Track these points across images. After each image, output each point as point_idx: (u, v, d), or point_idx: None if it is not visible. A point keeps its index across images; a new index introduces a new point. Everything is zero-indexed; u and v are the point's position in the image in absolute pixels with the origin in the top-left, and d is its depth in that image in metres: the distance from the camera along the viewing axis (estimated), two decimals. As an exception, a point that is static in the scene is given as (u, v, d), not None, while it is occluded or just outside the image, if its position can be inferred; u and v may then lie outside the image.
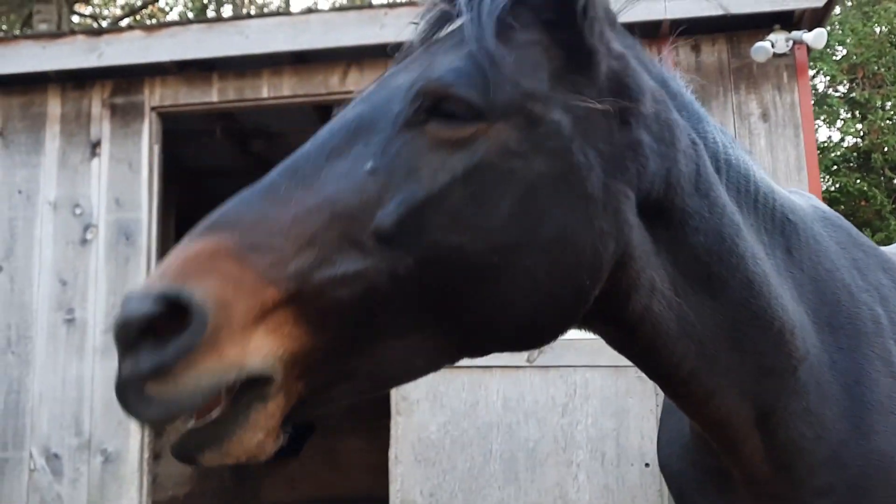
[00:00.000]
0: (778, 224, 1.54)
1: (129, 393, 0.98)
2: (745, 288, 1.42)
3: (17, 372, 5.61)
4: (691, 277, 1.38)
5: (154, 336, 0.97)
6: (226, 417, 1.02)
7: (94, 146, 5.81)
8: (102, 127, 5.83)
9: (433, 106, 1.15)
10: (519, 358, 4.76)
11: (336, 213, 1.07)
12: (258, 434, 1.02)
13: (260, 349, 1.00)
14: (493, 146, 1.15)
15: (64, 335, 5.61)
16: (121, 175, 5.74)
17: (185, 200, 8.51)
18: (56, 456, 5.48)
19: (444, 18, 1.33)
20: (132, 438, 5.38)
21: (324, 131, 1.20)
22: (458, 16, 1.27)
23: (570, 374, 4.69)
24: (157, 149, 5.79)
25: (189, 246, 1.04)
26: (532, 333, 1.24)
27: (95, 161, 5.79)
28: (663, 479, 4.55)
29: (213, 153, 7.82)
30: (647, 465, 4.63)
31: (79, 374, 5.52)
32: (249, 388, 1.02)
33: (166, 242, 7.63)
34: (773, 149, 5.09)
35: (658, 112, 1.34)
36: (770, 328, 1.44)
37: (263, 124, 7.34)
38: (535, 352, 4.66)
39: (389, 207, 1.09)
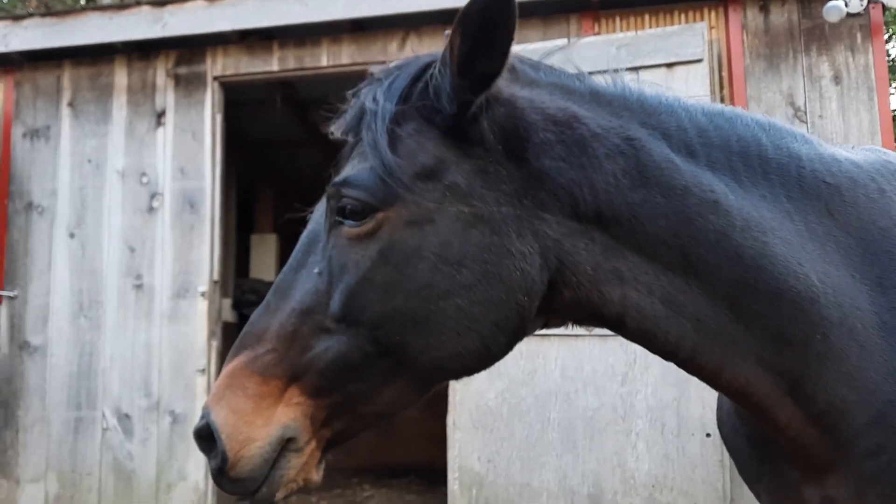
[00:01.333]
0: (810, 189, 1.50)
1: (220, 480, 1.37)
2: (735, 262, 1.41)
3: (90, 335, 5.82)
4: (664, 261, 1.42)
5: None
6: (274, 466, 1.38)
7: (160, 116, 5.94)
8: (167, 97, 5.95)
9: (341, 209, 1.38)
10: (578, 326, 4.71)
11: (304, 311, 1.39)
12: (300, 472, 1.39)
13: (281, 420, 1.35)
14: (396, 225, 1.35)
15: (133, 300, 5.79)
16: (185, 144, 5.86)
17: (246, 169, 8.66)
18: (127, 416, 5.69)
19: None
20: (198, 401, 5.54)
21: (294, 252, 1.50)
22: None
23: (629, 342, 4.63)
24: (219, 118, 5.89)
25: (226, 366, 1.42)
26: (489, 355, 1.41)
27: (160, 130, 5.92)
28: (725, 450, 4.50)
29: (273, 123, 7.92)
30: (707, 435, 4.57)
31: (147, 339, 5.70)
32: (287, 445, 1.37)
33: (228, 210, 7.78)
34: (846, 112, 4.90)
35: (560, 133, 1.42)
36: (779, 299, 1.42)
37: (322, 94, 7.38)
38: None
39: (335, 297, 1.36)
